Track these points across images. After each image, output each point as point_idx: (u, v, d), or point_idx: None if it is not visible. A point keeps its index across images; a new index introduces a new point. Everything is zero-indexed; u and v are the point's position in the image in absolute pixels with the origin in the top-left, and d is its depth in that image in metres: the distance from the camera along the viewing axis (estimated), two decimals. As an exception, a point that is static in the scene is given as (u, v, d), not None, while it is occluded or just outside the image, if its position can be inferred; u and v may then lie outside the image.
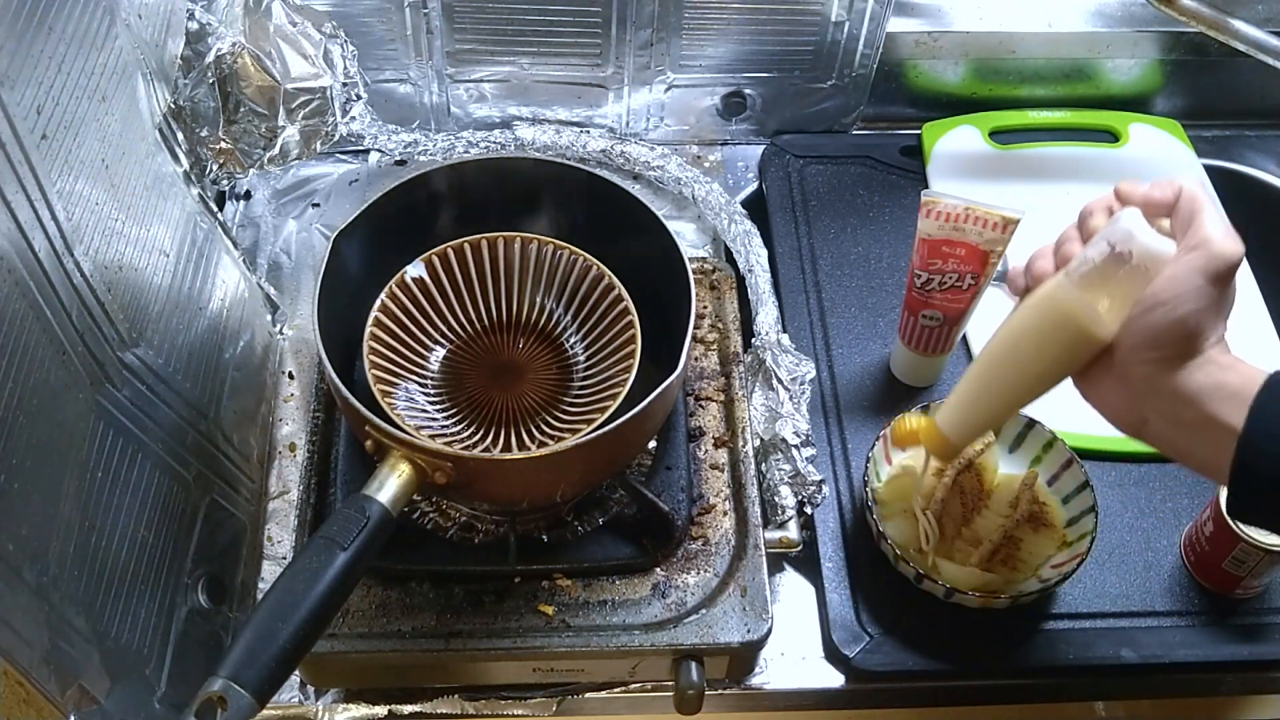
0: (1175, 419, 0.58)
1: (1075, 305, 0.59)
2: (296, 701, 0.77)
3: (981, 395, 0.66)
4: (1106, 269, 0.58)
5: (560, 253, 0.81)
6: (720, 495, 0.81)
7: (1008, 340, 0.63)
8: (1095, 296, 0.58)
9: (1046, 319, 0.61)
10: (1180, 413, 0.57)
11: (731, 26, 1.02)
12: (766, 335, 0.88)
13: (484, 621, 0.74)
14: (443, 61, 1.03)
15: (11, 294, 0.56)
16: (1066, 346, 0.60)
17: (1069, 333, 0.60)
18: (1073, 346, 0.60)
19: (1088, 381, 0.62)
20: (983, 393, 0.66)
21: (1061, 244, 0.63)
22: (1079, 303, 0.59)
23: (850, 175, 1.07)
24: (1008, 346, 0.63)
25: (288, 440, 0.88)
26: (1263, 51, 0.94)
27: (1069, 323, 0.59)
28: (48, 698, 0.57)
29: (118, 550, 0.66)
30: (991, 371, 0.65)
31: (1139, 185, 0.60)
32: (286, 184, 1.05)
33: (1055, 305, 0.60)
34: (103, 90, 0.67)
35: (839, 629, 0.79)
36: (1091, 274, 0.59)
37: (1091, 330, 0.59)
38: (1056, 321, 0.60)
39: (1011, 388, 0.64)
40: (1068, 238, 0.63)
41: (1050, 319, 0.60)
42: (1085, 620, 0.80)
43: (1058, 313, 0.60)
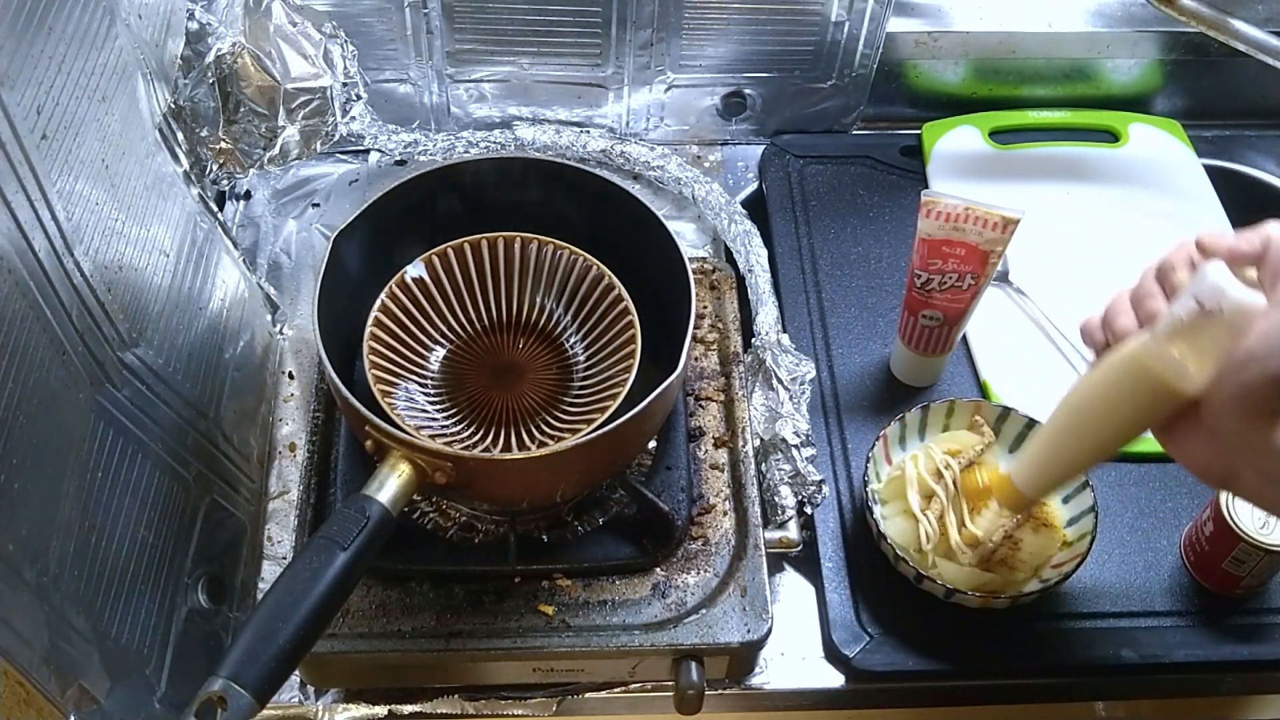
0: (1268, 475, 0.57)
1: (1164, 364, 0.58)
2: (296, 701, 0.77)
3: (1060, 450, 0.65)
4: (1195, 326, 0.57)
5: (560, 253, 0.81)
6: (720, 495, 0.81)
7: (1089, 397, 0.63)
8: (1183, 354, 0.57)
9: (1132, 378, 0.60)
10: (1273, 469, 0.56)
11: (731, 26, 1.02)
12: (766, 335, 0.88)
13: (484, 621, 0.74)
14: (443, 61, 1.03)
15: (11, 294, 0.56)
16: (1151, 404, 0.60)
17: (1154, 391, 0.59)
18: (1157, 404, 0.59)
19: (1171, 435, 0.61)
20: (1061, 447, 0.65)
21: (1142, 299, 0.61)
22: (1167, 361, 0.58)
23: (850, 175, 1.07)
24: (1089, 404, 0.63)
25: (288, 440, 0.88)
26: (1263, 51, 0.94)
27: (1155, 382, 0.59)
28: (48, 698, 0.57)
29: (118, 550, 0.66)
30: (1071, 428, 0.64)
31: (1223, 237, 0.59)
32: (286, 184, 1.05)
33: (1142, 364, 0.59)
34: (103, 90, 0.67)
35: (839, 629, 0.79)
36: (1179, 331, 0.57)
37: (1178, 388, 0.58)
38: (1142, 380, 0.59)
39: (1090, 444, 0.64)
40: (1148, 292, 0.61)
41: (1136, 378, 0.59)
42: (1085, 620, 0.80)
43: (1144, 372, 0.59)
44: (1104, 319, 0.63)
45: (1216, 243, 0.59)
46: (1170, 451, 0.62)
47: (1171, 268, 0.60)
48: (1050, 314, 0.95)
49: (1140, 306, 0.61)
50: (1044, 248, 0.99)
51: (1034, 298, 0.97)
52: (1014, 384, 0.91)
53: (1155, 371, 0.58)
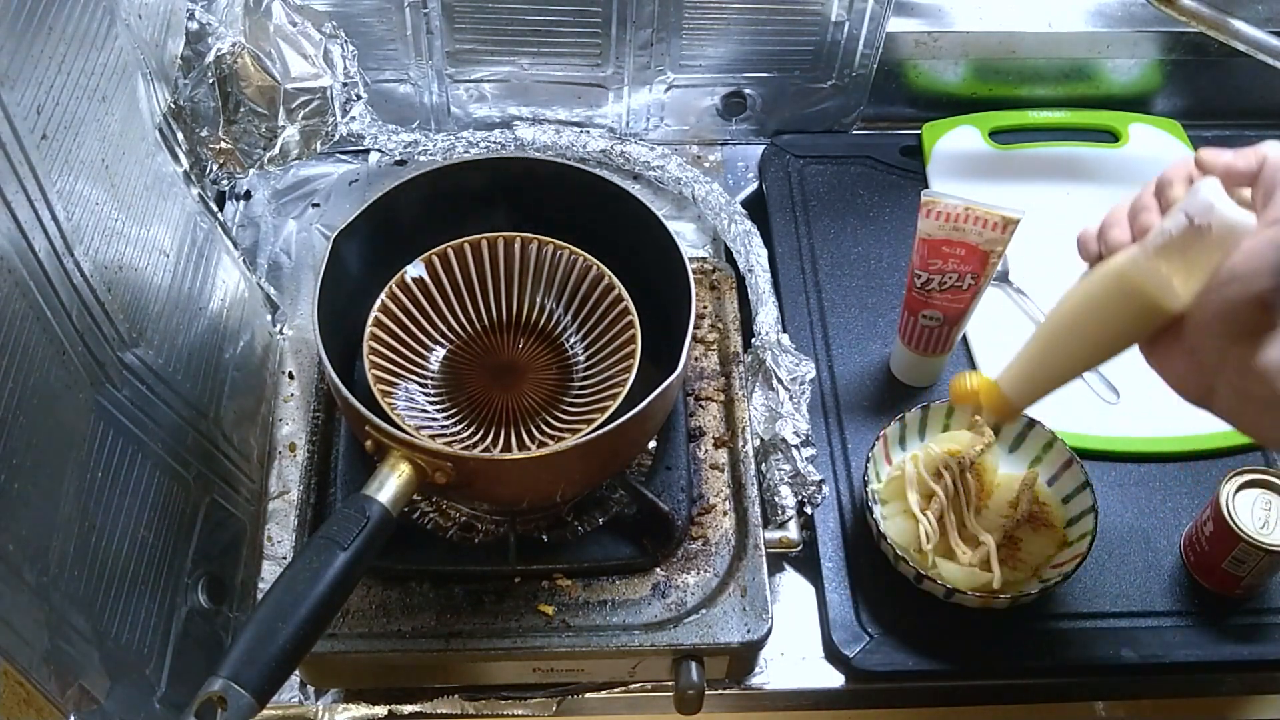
0: (1245, 393, 0.57)
1: (1150, 279, 0.58)
2: (296, 701, 0.77)
3: (1047, 359, 0.66)
4: (1184, 241, 0.57)
5: (560, 253, 0.81)
6: (720, 495, 0.81)
7: (1077, 307, 0.63)
8: (1171, 269, 0.58)
9: (1119, 291, 0.60)
10: (1251, 388, 0.56)
11: (731, 26, 1.02)
12: (766, 335, 0.88)
13: (484, 621, 0.74)
14: (443, 61, 1.03)
15: (11, 294, 0.56)
16: (1137, 318, 0.60)
17: (1141, 305, 0.59)
18: (1143, 318, 0.60)
19: (1154, 349, 0.62)
20: (1048, 357, 0.66)
21: (1138, 212, 0.61)
22: (1154, 276, 0.58)
23: (850, 175, 1.07)
24: (1077, 314, 0.63)
25: (288, 440, 0.88)
26: (1263, 51, 0.94)
27: (1142, 296, 0.59)
28: (48, 698, 0.57)
29: (118, 550, 0.66)
30: (1058, 337, 0.65)
31: (1222, 153, 0.59)
32: (286, 184, 1.05)
33: (1129, 278, 0.59)
34: (103, 90, 0.67)
35: (839, 629, 0.79)
36: (1168, 246, 0.58)
37: (1164, 304, 0.58)
38: (1129, 294, 0.60)
39: (1077, 354, 0.64)
40: (1144, 206, 0.61)
41: (1123, 291, 0.60)
42: (1085, 620, 0.80)
43: (1131, 286, 0.59)
44: (1099, 230, 0.63)
45: (1214, 159, 0.59)
46: (1152, 365, 0.62)
47: (1169, 183, 0.60)
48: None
49: (1135, 220, 0.61)
50: (1044, 248, 0.98)
51: (1034, 298, 0.97)
52: (1014, 384, 0.91)
53: (1142, 286, 0.59)
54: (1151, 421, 0.89)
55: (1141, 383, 0.85)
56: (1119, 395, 0.91)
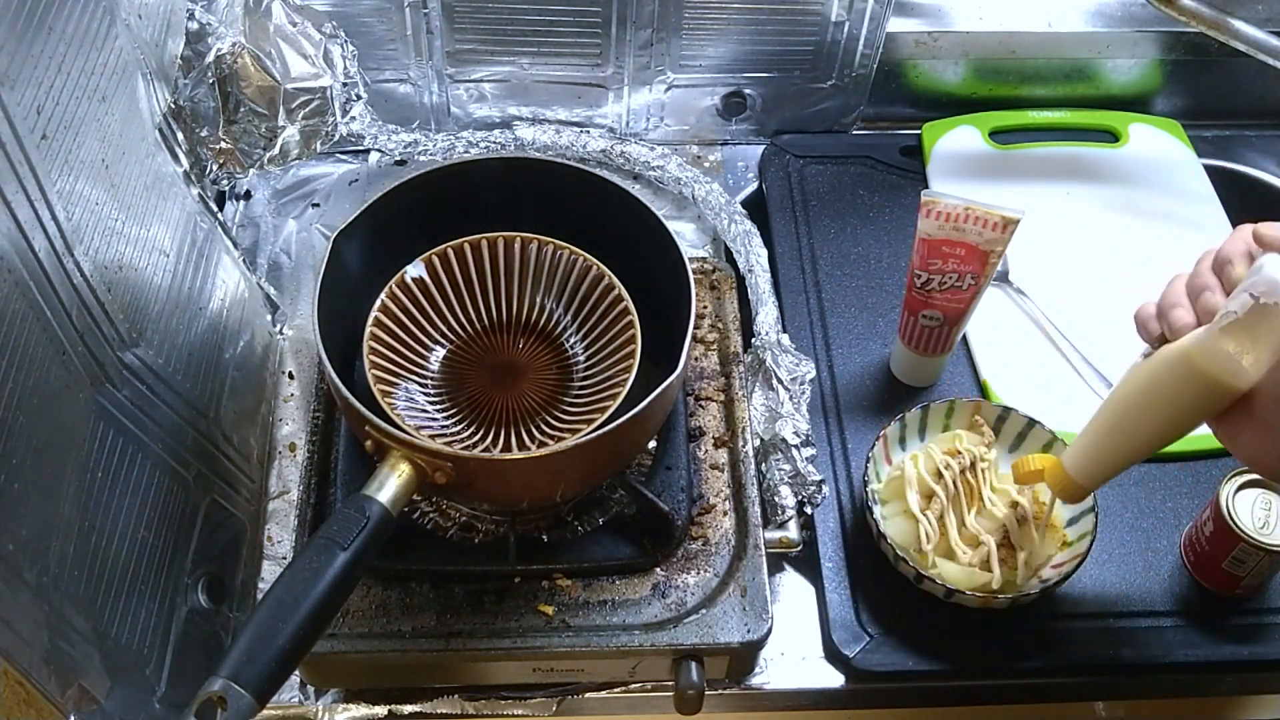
0: None
1: (1218, 362, 0.58)
2: (296, 701, 0.77)
3: (1113, 442, 0.66)
4: (1250, 321, 0.57)
5: (560, 253, 0.81)
6: (720, 495, 0.81)
7: (1143, 390, 0.63)
8: (1239, 349, 0.58)
9: (1187, 374, 0.60)
10: None
11: (731, 26, 1.02)
12: (766, 335, 0.88)
13: (484, 621, 0.74)
14: (443, 61, 1.03)
15: (11, 294, 0.56)
16: (1205, 400, 0.60)
17: (1209, 388, 0.59)
18: (1211, 399, 0.60)
19: (1224, 426, 0.61)
20: (1115, 440, 0.66)
21: (1199, 291, 0.61)
22: (1222, 359, 0.58)
23: (850, 175, 1.07)
24: (1144, 396, 0.63)
25: (288, 440, 0.88)
26: (1263, 51, 0.94)
27: (1210, 379, 0.59)
28: (48, 698, 0.57)
29: (118, 550, 0.66)
30: (1125, 420, 0.65)
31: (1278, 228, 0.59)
32: (286, 184, 1.06)
33: (1196, 363, 0.59)
34: (103, 90, 0.67)
35: (839, 629, 0.79)
36: (1234, 327, 0.58)
37: (1233, 385, 0.59)
38: (1197, 378, 0.59)
39: (1145, 436, 0.64)
40: (1206, 285, 0.61)
41: (1191, 375, 0.60)
42: (1085, 620, 0.80)
43: (1199, 369, 0.59)
44: (1159, 309, 0.62)
45: (1274, 234, 0.58)
46: (1223, 441, 0.62)
47: (1228, 260, 0.60)
48: (1050, 314, 0.95)
49: (1197, 300, 0.61)
50: (1044, 248, 0.99)
51: (1034, 298, 0.97)
52: (1014, 384, 0.91)
53: (1209, 370, 0.59)
54: (1151, 421, 0.89)
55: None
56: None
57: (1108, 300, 0.93)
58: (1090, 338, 0.93)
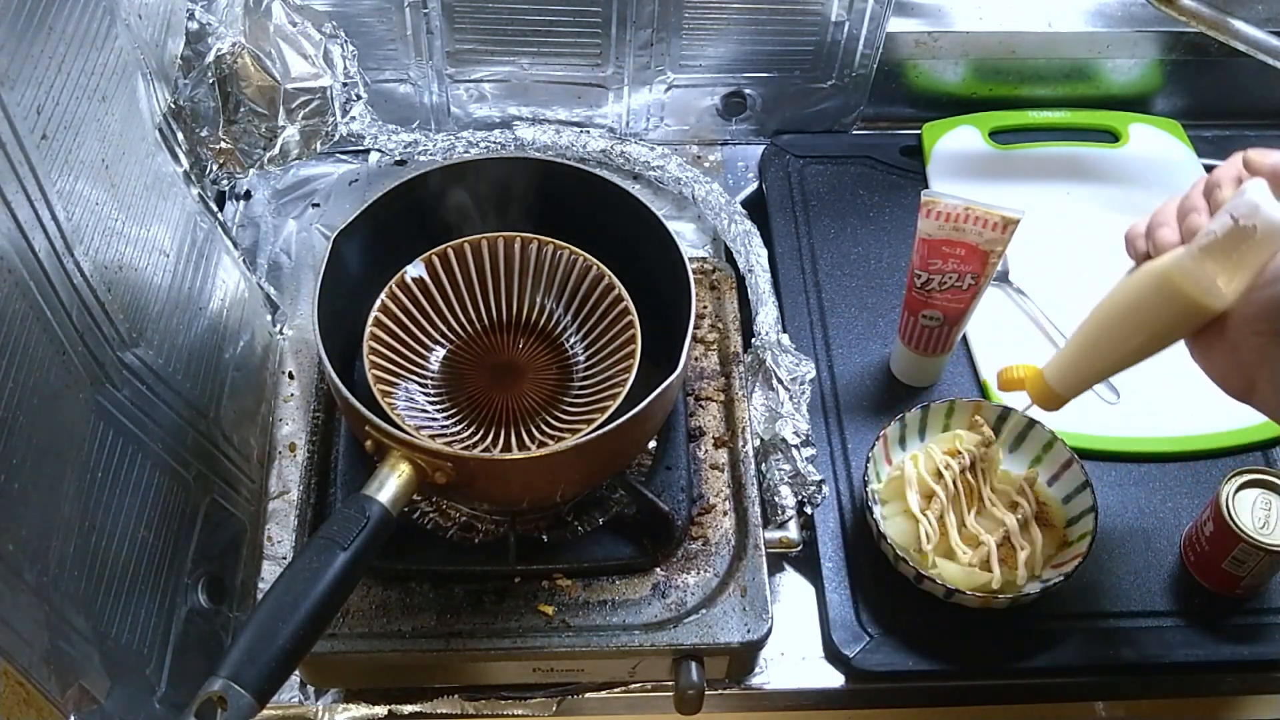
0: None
1: (1195, 280, 0.59)
2: (296, 701, 0.77)
3: (1092, 353, 0.67)
4: (1229, 242, 0.58)
5: (560, 253, 0.81)
6: (720, 495, 0.81)
7: (1123, 304, 0.64)
8: (1216, 269, 0.59)
9: (1164, 291, 0.61)
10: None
11: (731, 26, 1.02)
12: (766, 335, 0.88)
13: (484, 621, 0.74)
14: (443, 61, 1.03)
15: (11, 294, 0.56)
16: (1181, 317, 0.61)
17: (1185, 305, 0.61)
18: (1187, 317, 0.61)
19: (1198, 343, 0.63)
20: (1093, 351, 0.67)
21: (1186, 212, 0.62)
22: (1199, 277, 0.59)
23: (850, 175, 1.07)
24: (1122, 310, 0.64)
25: (288, 440, 0.88)
26: (1263, 51, 0.94)
27: (1186, 297, 0.60)
28: (48, 698, 0.57)
29: (118, 550, 0.66)
30: (1104, 332, 0.66)
31: (1270, 153, 0.59)
32: (286, 184, 1.06)
33: (1174, 279, 0.60)
34: (103, 90, 0.67)
35: (839, 629, 0.79)
36: (1213, 246, 0.59)
37: (1208, 304, 0.60)
38: (1174, 294, 0.61)
39: (1122, 350, 0.65)
40: (1192, 206, 0.62)
41: (1168, 292, 0.61)
42: (1085, 620, 0.80)
43: (1176, 286, 0.60)
44: (1148, 228, 0.63)
45: (1262, 160, 0.59)
46: (1195, 358, 0.63)
47: (1218, 183, 0.61)
48: (1050, 314, 0.95)
49: (1183, 220, 0.62)
50: (1044, 248, 0.99)
51: (1034, 298, 0.97)
52: (1014, 384, 0.91)
53: (1186, 287, 0.60)
54: (1151, 421, 0.89)
55: (1141, 383, 0.85)
56: (1119, 395, 0.91)
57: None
58: (1090, 338, 0.93)
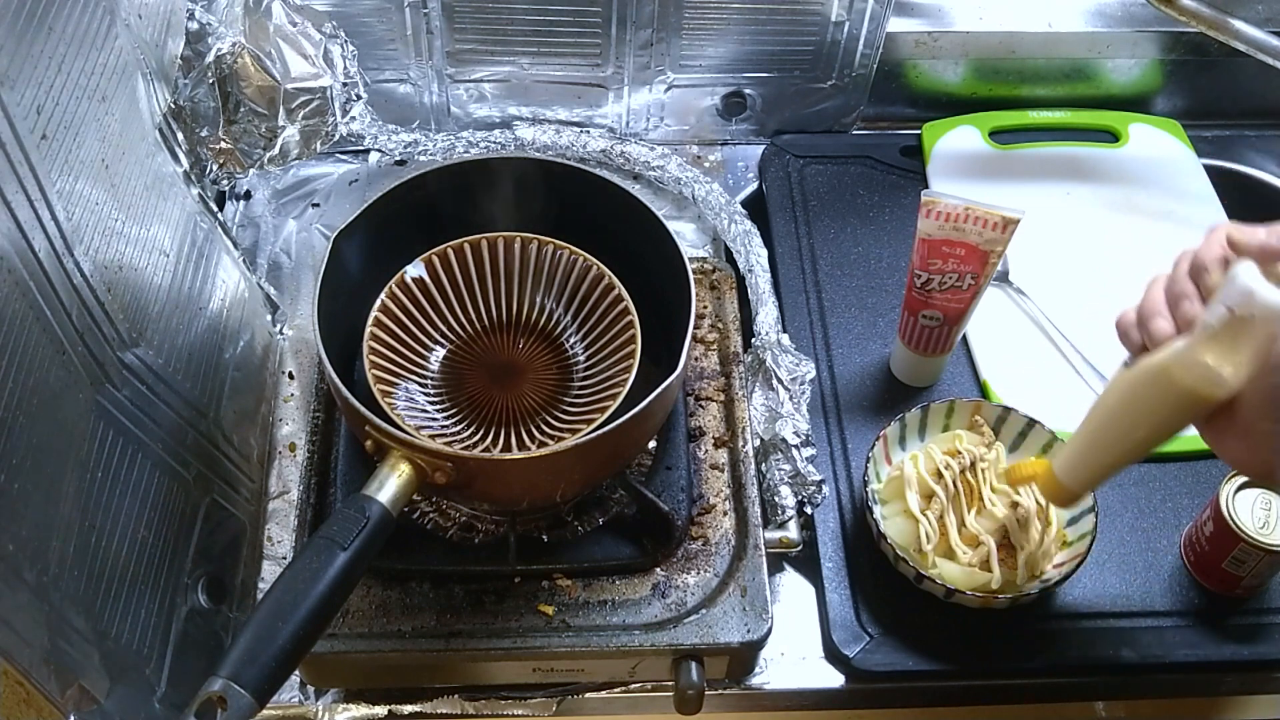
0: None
1: (1197, 375, 0.58)
2: (296, 701, 0.77)
3: (1100, 449, 0.66)
4: (1228, 333, 0.57)
5: (560, 253, 0.81)
6: (720, 495, 0.81)
7: (1127, 400, 0.63)
8: (1218, 361, 0.58)
9: (1167, 387, 0.60)
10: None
11: (731, 26, 1.02)
12: (766, 335, 0.88)
13: (484, 621, 0.74)
14: (443, 61, 1.03)
15: (11, 294, 0.56)
16: (1187, 410, 0.60)
17: (1189, 400, 0.60)
18: (1193, 410, 0.60)
19: (1209, 430, 0.62)
20: (1101, 446, 0.66)
21: (1178, 299, 0.60)
22: (1201, 371, 0.58)
23: (850, 175, 1.07)
24: (1127, 407, 0.63)
25: (288, 440, 0.88)
26: (1263, 51, 0.94)
27: (1190, 391, 0.59)
28: (48, 698, 0.57)
29: (118, 550, 0.66)
30: (1110, 428, 0.65)
31: (1255, 232, 0.58)
32: (286, 184, 1.05)
33: (1175, 376, 0.59)
34: (103, 90, 0.67)
35: (839, 629, 0.79)
36: (1212, 338, 0.58)
37: (1214, 395, 0.59)
38: (1177, 390, 0.60)
39: (1129, 443, 0.65)
40: (1184, 293, 0.60)
41: (1171, 388, 0.60)
42: (1085, 620, 0.80)
43: (1178, 382, 0.59)
44: (1139, 318, 0.62)
45: (1247, 241, 0.58)
46: (1210, 445, 0.63)
47: (1204, 267, 0.60)
48: (1050, 314, 0.95)
49: (1176, 309, 0.61)
50: (1044, 248, 0.99)
51: (1034, 298, 0.97)
52: (1014, 384, 0.91)
53: (1188, 384, 0.59)
54: (1151, 421, 0.89)
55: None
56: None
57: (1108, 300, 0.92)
58: (1090, 338, 0.93)
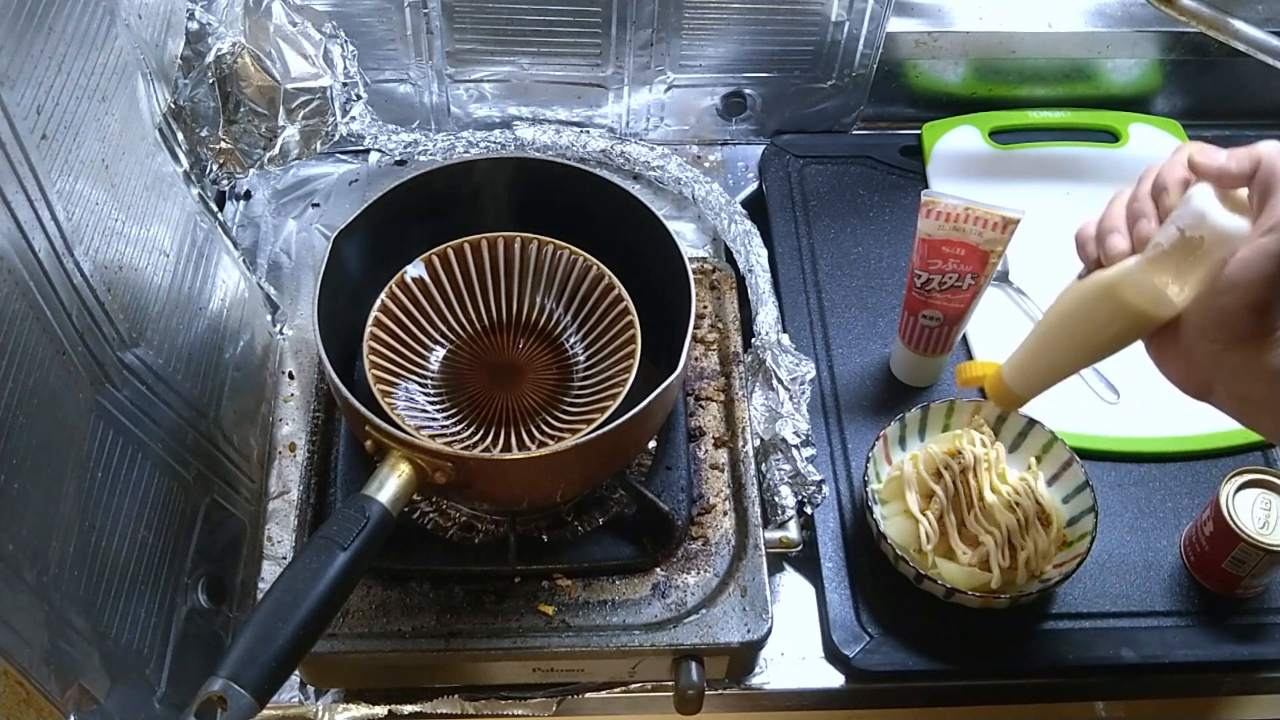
0: (1243, 395, 0.59)
1: (1145, 293, 0.59)
2: (296, 701, 0.77)
3: (1047, 357, 0.67)
4: (1177, 253, 0.58)
5: (560, 253, 0.81)
6: (720, 495, 0.81)
7: (1075, 312, 0.64)
8: (1165, 280, 0.58)
9: (1114, 302, 0.61)
10: (1248, 390, 0.58)
11: (731, 26, 1.02)
12: (766, 335, 0.88)
13: (484, 621, 0.74)
14: (443, 61, 1.03)
15: (11, 294, 0.56)
16: (1133, 327, 0.61)
17: (1135, 316, 0.60)
18: (1139, 326, 0.61)
19: (1153, 346, 0.63)
20: (1049, 355, 0.67)
21: (1136, 217, 0.61)
22: (1149, 290, 0.59)
23: (850, 175, 1.07)
24: (1075, 318, 0.64)
25: (288, 440, 0.88)
26: (1263, 51, 0.94)
27: (1136, 309, 0.60)
28: (48, 698, 0.57)
29: (118, 550, 0.66)
30: (1058, 338, 0.66)
31: (1215, 155, 0.58)
32: (286, 184, 1.05)
33: (1123, 293, 0.60)
34: (103, 90, 0.67)
35: (839, 629, 0.79)
36: (1162, 258, 0.59)
37: (1160, 314, 0.59)
38: (1124, 306, 0.60)
39: (1076, 355, 0.66)
40: (1143, 212, 0.61)
41: (1118, 303, 0.61)
42: (1085, 620, 0.80)
43: (1126, 299, 0.60)
44: (1098, 233, 0.63)
45: (1207, 164, 0.58)
46: (1153, 360, 0.63)
47: (1164, 187, 0.60)
48: (1050, 314, 0.95)
49: (1134, 227, 0.61)
50: (1044, 248, 0.98)
51: (1034, 298, 0.97)
52: (1014, 384, 0.91)
53: (1136, 301, 0.60)
54: (1151, 421, 0.89)
55: (1141, 383, 0.85)
56: (1119, 395, 0.91)
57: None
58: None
